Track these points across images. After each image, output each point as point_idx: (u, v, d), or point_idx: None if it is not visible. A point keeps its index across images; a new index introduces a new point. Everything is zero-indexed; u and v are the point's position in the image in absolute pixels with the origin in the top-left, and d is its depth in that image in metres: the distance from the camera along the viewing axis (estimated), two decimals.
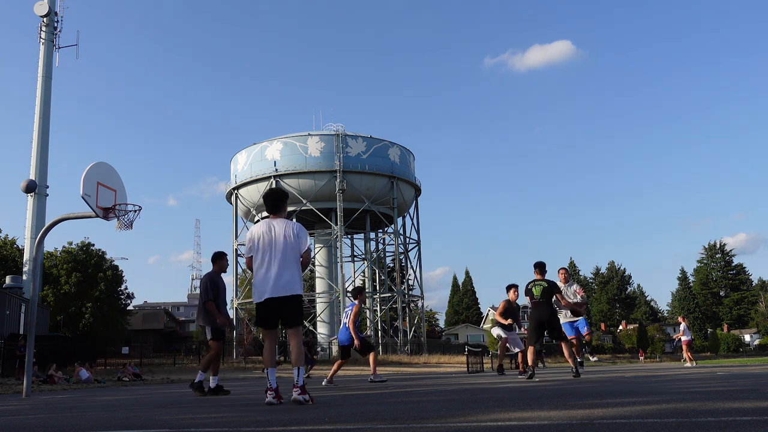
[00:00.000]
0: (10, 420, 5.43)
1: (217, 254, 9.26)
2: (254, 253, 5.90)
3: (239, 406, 5.82)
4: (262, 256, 5.85)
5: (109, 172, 11.17)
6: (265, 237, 5.90)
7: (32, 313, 11.47)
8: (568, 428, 2.92)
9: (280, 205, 6.14)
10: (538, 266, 10.78)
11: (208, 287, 8.91)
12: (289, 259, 5.83)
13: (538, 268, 10.77)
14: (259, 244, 5.89)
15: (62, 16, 38.18)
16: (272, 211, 6.10)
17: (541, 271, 10.75)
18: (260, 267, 5.83)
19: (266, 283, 5.77)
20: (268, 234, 5.91)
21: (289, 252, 5.85)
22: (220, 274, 9.19)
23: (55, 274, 43.60)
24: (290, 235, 5.89)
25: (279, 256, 5.81)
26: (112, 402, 7.86)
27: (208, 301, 8.85)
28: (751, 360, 34.37)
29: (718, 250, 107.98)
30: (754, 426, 2.72)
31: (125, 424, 4.28)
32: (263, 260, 5.83)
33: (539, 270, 10.74)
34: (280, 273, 5.76)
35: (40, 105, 36.33)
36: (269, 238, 5.88)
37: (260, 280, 5.81)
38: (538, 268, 10.78)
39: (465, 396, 5.96)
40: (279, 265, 5.79)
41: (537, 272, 10.75)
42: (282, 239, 5.86)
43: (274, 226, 5.95)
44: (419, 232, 61.02)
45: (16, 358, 21.82)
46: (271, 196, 6.16)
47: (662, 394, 5.16)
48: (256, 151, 56.42)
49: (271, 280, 5.75)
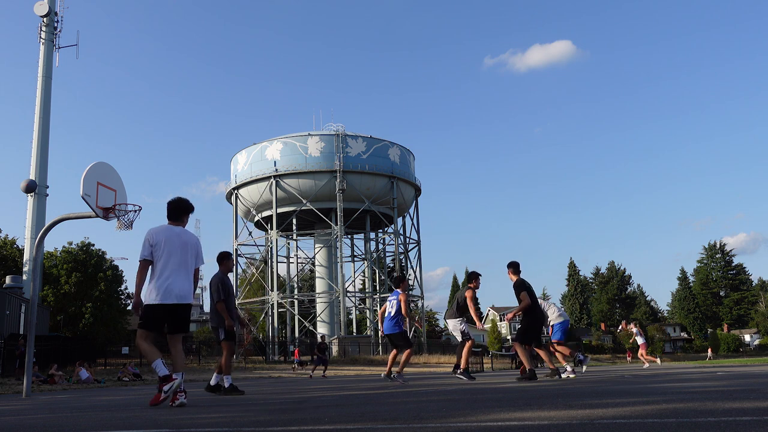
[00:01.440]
0: (10, 420, 5.43)
1: (223, 254, 9.22)
2: (155, 257, 5.97)
3: (239, 406, 5.82)
4: (163, 262, 5.95)
5: (109, 172, 11.16)
6: (168, 242, 6.01)
7: (32, 313, 11.47)
8: (568, 428, 2.92)
9: (181, 215, 6.31)
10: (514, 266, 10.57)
11: (219, 288, 8.88)
12: (188, 269, 6.06)
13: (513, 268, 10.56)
14: (161, 248, 5.98)
15: (62, 16, 38.21)
16: (174, 219, 6.26)
17: (515, 271, 10.54)
18: (163, 270, 5.93)
19: (162, 288, 5.86)
20: (171, 240, 6.03)
21: (189, 262, 6.09)
22: (227, 275, 9.19)
23: (55, 274, 43.58)
24: (192, 246, 6.14)
25: (179, 265, 5.98)
26: (112, 402, 7.86)
27: (219, 302, 8.84)
28: (751, 360, 34.36)
29: (718, 250, 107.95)
30: (754, 426, 2.72)
31: (125, 424, 4.28)
32: (164, 266, 5.94)
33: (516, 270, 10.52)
34: (177, 281, 5.92)
35: (40, 105, 36.33)
36: (173, 245, 6.01)
37: (157, 285, 5.88)
38: (513, 268, 10.57)
39: (465, 396, 5.96)
40: (177, 273, 5.95)
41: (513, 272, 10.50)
42: (185, 248, 6.07)
43: (178, 234, 6.12)
44: (419, 232, 61.10)
45: (16, 358, 21.82)
46: (176, 205, 6.34)
47: (662, 394, 5.16)
48: (256, 151, 56.40)
49: (169, 287, 5.87)
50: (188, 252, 6.08)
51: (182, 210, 6.33)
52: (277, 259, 57.03)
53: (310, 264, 64.75)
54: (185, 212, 6.35)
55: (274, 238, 55.62)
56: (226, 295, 8.91)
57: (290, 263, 62.59)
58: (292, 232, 56.56)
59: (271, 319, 55.65)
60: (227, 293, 8.93)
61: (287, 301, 56.07)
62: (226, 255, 9.25)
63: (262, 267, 60.12)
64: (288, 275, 61.46)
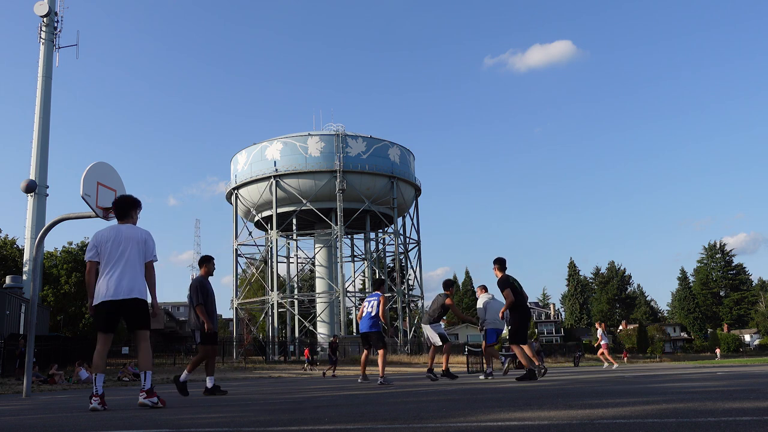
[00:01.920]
0: (10, 420, 5.43)
1: (204, 258, 9.39)
2: (100, 258, 5.95)
3: (239, 406, 5.82)
4: (107, 260, 5.91)
5: (109, 172, 11.15)
6: (111, 242, 5.96)
7: (32, 313, 11.48)
8: (568, 428, 2.91)
9: (128, 211, 6.24)
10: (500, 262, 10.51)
11: (199, 291, 8.99)
12: (134, 264, 5.93)
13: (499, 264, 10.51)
14: (104, 249, 5.95)
15: (62, 16, 38.22)
16: (122, 217, 6.21)
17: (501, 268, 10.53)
18: (103, 270, 5.90)
19: (106, 286, 5.82)
20: (115, 238, 5.98)
21: (135, 257, 5.95)
22: (207, 278, 9.26)
23: (55, 274, 43.57)
24: (138, 241, 6.01)
25: (123, 261, 5.89)
26: (112, 402, 7.85)
27: (198, 306, 8.91)
28: (751, 360, 34.35)
29: (718, 250, 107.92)
30: (754, 426, 2.72)
31: (125, 424, 4.28)
32: (107, 264, 5.90)
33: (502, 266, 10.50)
34: (122, 276, 5.84)
35: (40, 105, 36.33)
36: (116, 243, 5.95)
37: (102, 283, 5.85)
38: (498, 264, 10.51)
39: (465, 396, 5.96)
40: (122, 269, 5.86)
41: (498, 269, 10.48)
42: (129, 244, 5.96)
43: (121, 231, 6.05)
44: (419, 232, 61.07)
45: (16, 358, 21.82)
46: (119, 203, 6.31)
47: (662, 394, 5.16)
48: (256, 151, 56.39)
49: (113, 283, 5.81)
50: (134, 247, 5.96)
51: (127, 206, 6.26)
52: (277, 259, 57.04)
53: (310, 264, 64.74)
54: (131, 207, 6.27)
55: (274, 238, 55.60)
56: (205, 298, 9.00)
57: (290, 263, 62.59)
58: (292, 232, 56.55)
59: (271, 319, 55.62)
60: (206, 296, 9.02)
61: (287, 301, 56.06)
62: (207, 258, 9.36)
63: (262, 267, 60.10)
64: (288, 275, 61.44)
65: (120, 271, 5.84)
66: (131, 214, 6.24)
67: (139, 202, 6.37)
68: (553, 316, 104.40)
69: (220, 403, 6.62)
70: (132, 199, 6.36)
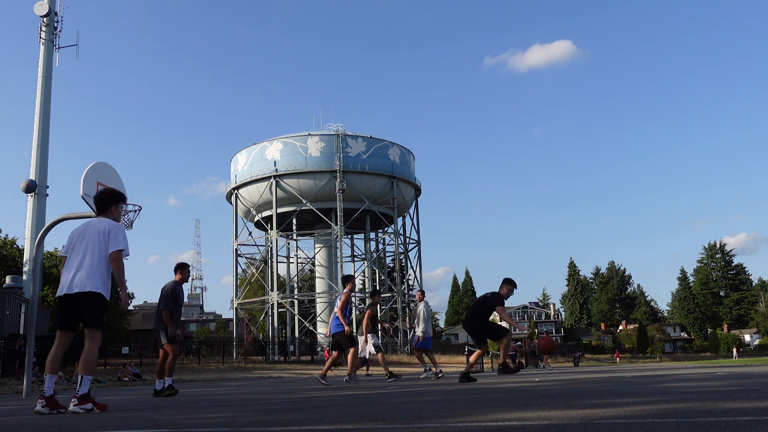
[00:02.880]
0: (10, 420, 5.43)
1: (181, 264, 9.49)
2: (68, 253, 5.82)
3: (239, 406, 5.82)
4: (71, 255, 5.77)
5: (109, 172, 11.16)
6: (80, 235, 5.82)
7: (32, 313, 11.48)
8: (568, 428, 2.91)
9: (106, 206, 6.04)
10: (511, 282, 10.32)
11: (169, 296, 9.13)
12: (92, 257, 5.67)
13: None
14: (73, 243, 5.81)
15: (62, 16, 38.18)
16: (101, 211, 6.04)
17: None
18: (66, 264, 5.77)
19: (63, 280, 5.68)
20: (84, 233, 5.82)
21: (95, 250, 5.69)
22: (182, 284, 9.33)
23: (55, 274, 43.49)
24: (102, 232, 5.74)
25: (82, 253, 5.69)
26: (112, 402, 7.85)
27: (164, 311, 9.07)
28: (751, 360, 34.34)
29: (718, 250, 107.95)
30: (754, 426, 2.72)
31: (125, 424, 4.28)
32: (69, 258, 5.77)
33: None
34: (78, 269, 5.64)
35: (40, 105, 36.31)
36: (81, 237, 5.79)
37: (62, 278, 5.72)
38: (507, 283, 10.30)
39: (465, 396, 5.95)
40: (79, 262, 5.67)
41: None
42: (93, 237, 5.74)
43: (91, 225, 5.87)
44: (419, 232, 61.11)
45: (16, 358, 21.82)
46: (98, 197, 6.19)
47: (662, 394, 5.16)
48: (256, 151, 56.39)
49: (69, 277, 5.64)
50: (96, 240, 5.71)
51: (106, 200, 6.06)
52: (277, 259, 57.06)
53: (310, 264, 64.74)
54: (111, 201, 6.05)
55: (274, 238, 55.60)
56: (174, 304, 9.13)
57: (290, 263, 62.61)
58: (292, 232, 56.55)
59: (271, 319, 55.63)
60: (176, 303, 9.15)
61: (287, 301, 56.05)
62: (183, 265, 9.47)
63: (262, 267, 60.10)
64: (288, 275, 61.44)
65: (77, 264, 5.65)
66: (110, 209, 6.02)
67: (120, 196, 6.14)
68: (553, 316, 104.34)
69: (220, 403, 6.62)
70: (111, 193, 6.16)
